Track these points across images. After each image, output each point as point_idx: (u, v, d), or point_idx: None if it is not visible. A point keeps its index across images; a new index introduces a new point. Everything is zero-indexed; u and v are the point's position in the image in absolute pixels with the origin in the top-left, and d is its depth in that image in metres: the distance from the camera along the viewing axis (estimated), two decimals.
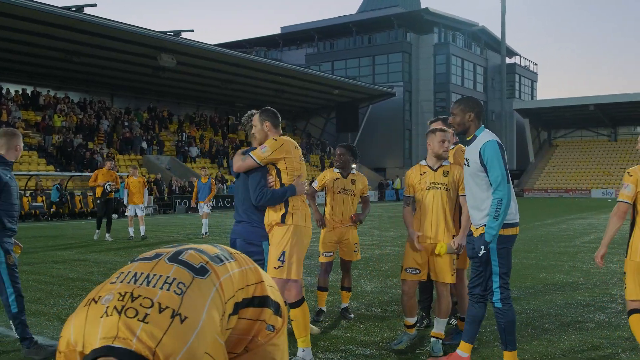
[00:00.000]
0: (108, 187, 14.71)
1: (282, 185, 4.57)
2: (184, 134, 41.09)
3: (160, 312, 1.70)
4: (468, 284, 4.68)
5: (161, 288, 1.79)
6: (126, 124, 37.44)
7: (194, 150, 39.22)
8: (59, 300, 7.14)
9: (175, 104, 45.81)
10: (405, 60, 56.55)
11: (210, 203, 16.17)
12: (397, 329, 5.74)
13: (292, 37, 63.69)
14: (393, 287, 8.04)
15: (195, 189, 16.36)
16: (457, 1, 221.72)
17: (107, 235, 14.85)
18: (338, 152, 6.26)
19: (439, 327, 5.05)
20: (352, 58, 58.52)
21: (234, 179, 5.01)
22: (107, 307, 1.71)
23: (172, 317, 1.70)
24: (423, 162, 5.13)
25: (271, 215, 4.58)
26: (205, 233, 15.81)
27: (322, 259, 6.26)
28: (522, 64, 68.90)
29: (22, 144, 5.10)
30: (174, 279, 1.83)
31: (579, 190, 55.57)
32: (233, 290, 1.99)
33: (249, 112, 5.04)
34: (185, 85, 42.23)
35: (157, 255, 1.97)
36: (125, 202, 15.55)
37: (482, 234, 4.29)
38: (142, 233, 15.17)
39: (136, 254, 12.20)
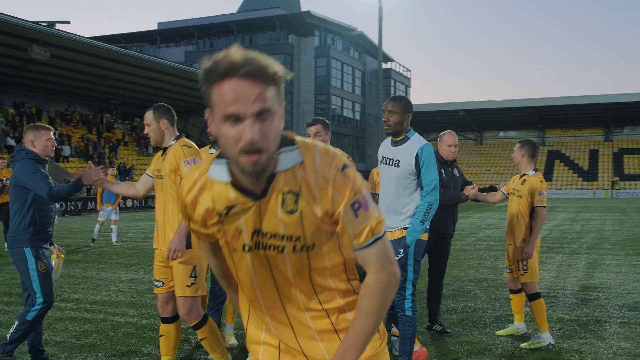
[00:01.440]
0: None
1: None
2: (56, 131, 38.49)
3: None
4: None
5: None
6: None
7: (67, 149, 36.87)
8: None
9: (44, 99, 42.75)
10: (287, 62, 56.91)
11: (117, 208, 14.42)
12: None
13: (170, 34, 61.89)
14: None
15: (99, 190, 14.46)
16: (337, 6, 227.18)
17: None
18: None
19: None
20: None
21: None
22: None
23: None
24: None
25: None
26: (116, 241, 14.28)
27: None
28: (397, 69, 71.89)
29: (52, 137, 4.55)
30: None
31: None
32: None
33: None
34: (57, 80, 39.53)
35: None
36: None
37: (400, 238, 4.14)
38: None
39: None
